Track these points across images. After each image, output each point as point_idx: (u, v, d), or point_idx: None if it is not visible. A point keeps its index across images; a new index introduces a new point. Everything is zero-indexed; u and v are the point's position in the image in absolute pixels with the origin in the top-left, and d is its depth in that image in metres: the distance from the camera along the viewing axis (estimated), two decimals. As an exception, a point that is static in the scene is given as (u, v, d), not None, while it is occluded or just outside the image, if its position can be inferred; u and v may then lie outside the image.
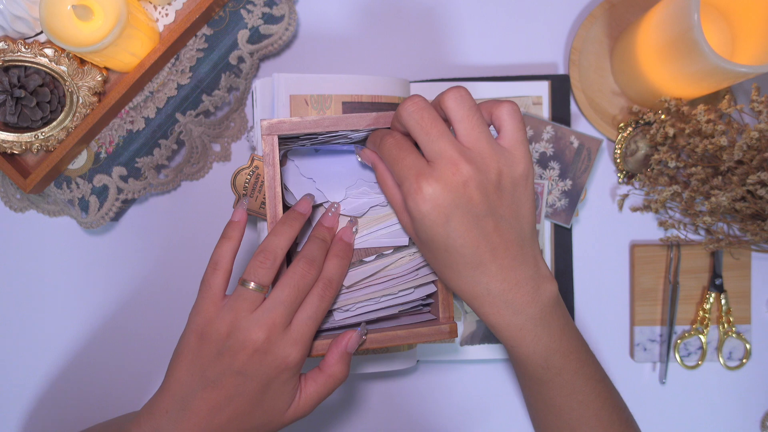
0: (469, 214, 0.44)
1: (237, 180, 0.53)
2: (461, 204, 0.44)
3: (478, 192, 0.44)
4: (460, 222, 0.44)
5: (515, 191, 0.46)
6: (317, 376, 0.49)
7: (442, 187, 0.43)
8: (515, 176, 0.46)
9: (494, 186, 0.45)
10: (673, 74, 0.59)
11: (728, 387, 0.68)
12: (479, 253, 0.45)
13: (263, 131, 0.50)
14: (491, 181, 0.45)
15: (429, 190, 0.44)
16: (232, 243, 0.49)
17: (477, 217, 0.44)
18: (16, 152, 0.60)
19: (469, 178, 0.44)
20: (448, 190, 0.44)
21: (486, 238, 0.45)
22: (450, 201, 0.44)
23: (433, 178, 0.44)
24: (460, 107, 0.45)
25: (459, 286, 0.47)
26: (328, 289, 0.48)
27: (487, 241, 0.45)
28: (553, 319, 0.48)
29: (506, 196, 0.46)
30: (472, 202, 0.44)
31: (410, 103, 0.45)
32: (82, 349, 0.68)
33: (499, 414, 0.68)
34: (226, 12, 0.62)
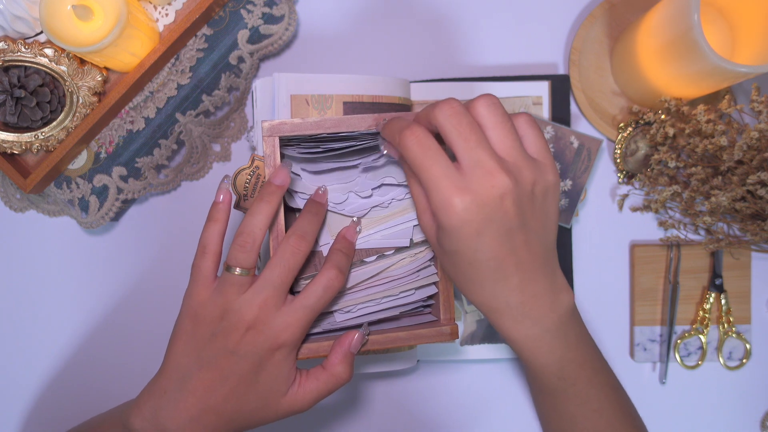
0: (502, 228, 0.43)
1: (237, 180, 0.53)
2: (496, 218, 0.42)
3: (513, 205, 0.43)
4: (492, 237, 0.43)
5: (545, 202, 0.45)
6: (319, 373, 0.49)
7: (478, 201, 0.42)
8: (548, 186, 0.45)
9: (528, 198, 0.44)
10: (673, 74, 0.59)
11: (728, 387, 0.68)
12: (504, 266, 0.44)
13: (264, 133, 0.50)
14: (526, 193, 0.43)
15: (462, 204, 0.42)
16: (219, 225, 0.49)
17: (509, 231, 0.43)
18: (16, 152, 0.60)
19: (507, 191, 0.42)
20: (483, 204, 0.42)
21: (514, 252, 0.44)
22: (484, 215, 0.42)
23: (468, 191, 0.42)
24: (493, 114, 0.43)
25: (478, 299, 0.47)
26: (334, 280, 0.48)
27: (514, 256, 0.44)
28: (569, 330, 0.48)
29: (537, 208, 0.45)
30: (507, 216, 0.43)
31: (447, 106, 0.43)
32: (82, 348, 0.68)
33: (500, 414, 0.68)
34: (226, 12, 0.62)
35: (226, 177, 0.50)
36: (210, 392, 0.47)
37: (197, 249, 0.49)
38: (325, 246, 0.53)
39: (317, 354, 0.50)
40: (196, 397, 0.47)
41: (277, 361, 0.48)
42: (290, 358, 0.48)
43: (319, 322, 0.51)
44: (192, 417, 0.47)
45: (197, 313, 0.48)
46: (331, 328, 0.51)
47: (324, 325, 0.51)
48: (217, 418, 0.48)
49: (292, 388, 0.49)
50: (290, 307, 0.47)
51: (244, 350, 0.47)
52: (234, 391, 0.47)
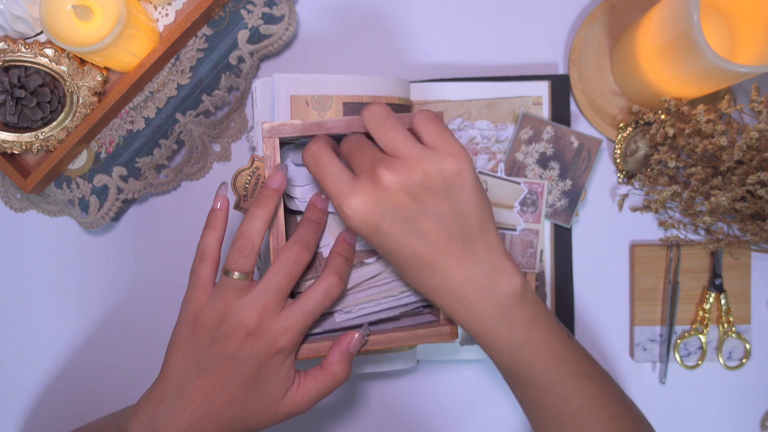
0: (399, 218, 0.44)
1: (237, 181, 0.53)
2: (387, 210, 0.44)
3: (404, 195, 0.44)
4: (389, 228, 0.44)
5: (450, 188, 0.45)
6: (317, 373, 0.49)
7: (365, 200, 0.44)
8: (445, 173, 0.44)
9: (422, 187, 0.44)
10: (673, 74, 0.59)
11: (728, 387, 0.68)
12: (419, 254, 0.45)
13: (264, 134, 0.50)
14: (417, 182, 0.44)
15: (351, 205, 0.44)
16: (217, 231, 0.49)
17: (409, 221, 0.44)
18: (16, 152, 0.60)
19: (393, 184, 0.44)
20: (370, 201, 0.44)
21: (424, 239, 0.45)
22: (374, 210, 0.44)
23: (354, 192, 0.44)
24: (374, 119, 0.45)
25: (417, 288, 0.48)
26: (334, 286, 0.48)
27: (425, 242, 0.45)
28: (514, 314, 0.47)
29: (438, 194, 0.44)
30: (401, 206, 0.44)
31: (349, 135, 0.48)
32: (82, 348, 0.68)
33: (500, 414, 0.68)
34: (226, 12, 0.62)
35: (224, 184, 0.50)
36: (209, 399, 0.47)
37: (196, 255, 0.49)
38: (325, 247, 0.53)
39: (317, 354, 0.50)
40: (195, 404, 0.47)
41: (276, 365, 0.48)
42: (289, 361, 0.48)
43: (319, 323, 0.51)
44: (191, 425, 0.47)
45: (196, 319, 0.48)
46: (331, 328, 0.51)
47: (324, 326, 0.51)
48: (216, 425, 0.47)
49: (290, 390, 0.49)
50: (289, 312, 0.47)
51: (244, 355, 0.47)
52: (233, 397, 0.47)
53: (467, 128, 0.65)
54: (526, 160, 0.65)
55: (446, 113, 0.65)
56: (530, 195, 0.65)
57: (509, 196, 0.65)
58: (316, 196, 0.51)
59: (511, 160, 0.65)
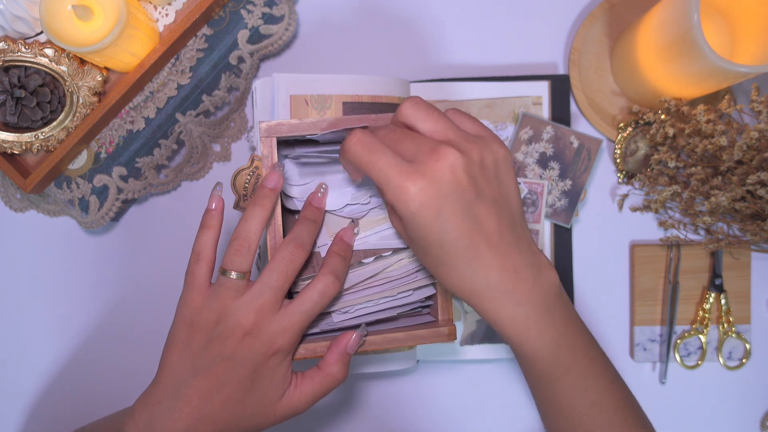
0: (460, 201, 0.42)
1: (237, 180, 0.53)
2: (450, 192, 0.42)
3: (465, 175, 0.42)
4: (451, 212, 0.42)
5: (498, 172, 0.44)
6: (315, 374, 0.49)
7: (428, 180, 0.41)
8: (496, 156, 0.44)
9: (479, 168, 0.43)
10: (673, 74, 0.59)
11: (728, 387, 0.68)
12: (474, 242, 0.43)
13: (262, 133, 0.50)
14: (475, 163, 0.43)
15: (414, 188, 0.41)
16: (212, 232, 0.49)
17: (468, 204, 0.42)
18: (16, 152, 0.60)
19: (454, 161, 0.42)
20: (434, 181, 0.41)
21: (479, 226, 0.43)
22: (439, 192, 0.41)
23: (417, 173, 0.41)
24: (417, 110, 0.44)
25: (457, 284, 0.45)
26: (330, 286, 0.48)
27: (480, 229, 0.43)
28: (556, 310, 0.46)
29: (492, 178, 0.44)
30: (461, 187, 0.42)
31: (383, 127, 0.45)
32: (82, 348, 0.68)
33: (500, 414, 0.68)
34: (226, 12, 0.62)
35: (219, 184, 0.50)
36: (206, 401, 0.47)
37: (191, 256, 0.49)
38: (323, 247, 0.53)
39: (314, 354, 0.50)
40: (192, 406, 0.47)
41: (273, 366, 0.48)
42: (286, 362, 0.48)
43: (316, 323, 0.51)
44: (187, 426, 0.47)
45: (192, 320, 0.47)
46: (329, 328, 0.51)
47: (322, 326, 0.51)
48: (213, 426, 0.47)
49: (288, 391, 0.49)
50: (286, 312, 0.47)
51: (241, 355, 0.47)
52: (230, 398, 0.47)
53: (467, 128, 0.65)
54: (526, 160, 0.65)
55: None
56: (530, 195, 0.65)
57: (509, 196, 0.65)
58: (313, 194, 0.51)
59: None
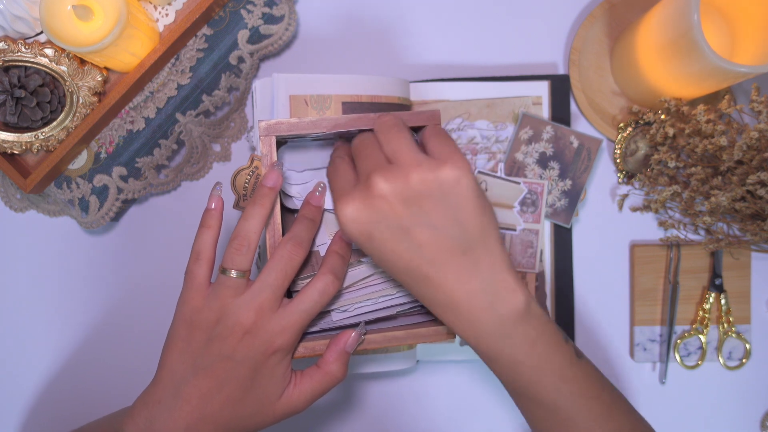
0: (392, 227, 0.44)
1: (237, 180, 0.53)
2: (381, 219, 0.44)
3: (398, 203, 0.43)
4: (383, 237, 0.44)
5: (447, 197, 0.44)
6: (314, 372, 0.49)
7: (359, 206, 0.44)
8: (442, 180, 0.44)
9: (417, 194, 0.43)
10: (673, 74, 0.59)
11: (728, 387, 0.68)
12: (414, 266, 0.44)
13: (261, 132, 0.50)
14: (413, 190, 0.43)
15: (347, 211, 0.44)
16: (212, 231, 0.49)
17: (403, 230, 0.44)
18: (16, 152, 0.60)
19: (387, 192, 0.43)
20: (364, 207, 0.44)
21: (419, 251, 0.44)
22: (367, 218, 0.44)
23: (351, 197, 0.44)
24: (383, 126, 0.47)
25: (422, 300, 0.47)
26: (330, 285, 0.48)
27: (420, 254, 0.44)
28: (517, 333, 0.45)
29: (437, 203, 0.44)
30: (394, 214, 0.44)
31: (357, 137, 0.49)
32: (82, 348, 0.68)
33: (499, 414, 0.68)
34: (226, 12, 0.62)
35: (218, 184, 0.50)
36: (206, 400, 0.47)
37: (190, 255, 0.49)
38: (322, 246, 0.53)
39: (313, 353, 0.50)
40: (192, 405, 0.47)
41: (273, 365, 0.48)
42: (286, 360, 0.48)
43: (316, 321, 0.52)
44: (187, 426, 0.47)
45: (192, 319, 0.48)
46: (328, 327, 0.51)
47: (321, 324, 0.51)
48: (213, 426, 0.47)
49: (287, 390, 0.49)
50: (286, 311, 0.47)
51: (241, 354, 0.47)
52: (230, 397, 0.47)
53: (467, 128, 0.65)
54: (526, 160, 0.65)
55: (446, 113, 0.65)
56: (530, 195, 0.65)
57: (509, 196, 0.65)
58: (311, 193, 0.51)
59: (510, 160, 0.65)
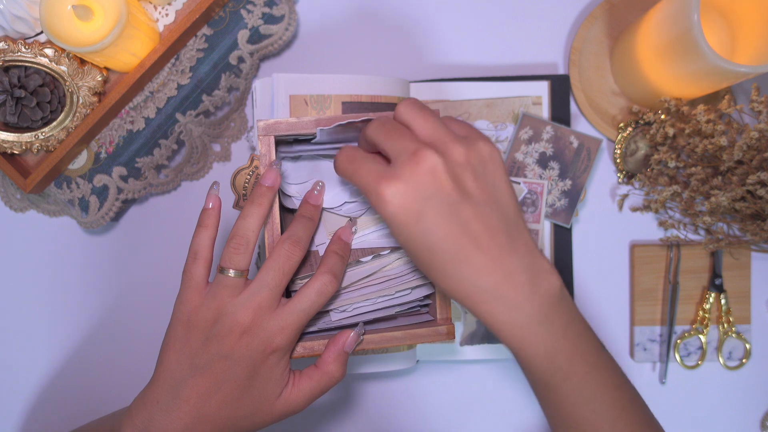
0: (442, 203, 0.42)
1: (237, 180, 0.53)
2: (431, 194, 0.41)
3: (447, 177, 0.42)
4: (434, 215, 0.42)
5: (486, 172, 0.43)
6: (312, 372, 0.49)
7: (405, 183, 0.41)
8: (482, 155, 0.43)
9: (464, 168, 0.42)
10: (673, 74, 0.59)
11: (728, 387, 0.68)
12: (461, 245, 0.42)
13: (260, 132, 0.50)
14: (459, 163, 0.42)
15: (390, 191, 0.41)
16: (209, 231, 0.49)
17: (452, 205, 0.42)
18: (16, 152, 0.60)
19: (435, 164, 0.41)
20: (413, 184, 0.41)
21: (466, 228, 0.42)
22: (418, 195, 0.41)
23: (394, 176, 0.42)
24: (410, 109, 0.44)
25: (449, 287, 0.44)
26: (328, 285, 0.48)
27: (467, 232, 0.42)
28: (555, 316, 0.44)
29: (479, 178, 0.43)
30: (443, 190, 0.42)
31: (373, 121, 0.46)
32: (82, 348, 0.68)
33: (499, 414, 0.68)
34: (226, 12, 0.62)
35: (215, 183, 0.50)
36: (204, 400, 0.47)
37: (188, 255, 0.48)
38: (321, 245, 0.53)
39: (312, 353, 0.50)
40: (190, 405, 0.47)
41: (271, 365, 0.48)
42: (284, 360, 0.48)
43: (314, 321, 0.52)
44: (186, 426, 0.47)
45: (190, 318, 0.47)
46: (327, 327, 0.51)
47: (319, 324, 0.51)
48: (211, 426, 0.47)
49: (285, 390, 0.49)
50: (284, 311, 0.47)
51: (239, 354, 0.47)
52: (228, 397, 0.47)
53: (467, 128, 0.65)
54: (526, 160, 0.65)
55: (446, 113, 0.65)
56: (530, 195, 0.65)
57: (509, 196, 0.64)
58: (310, 192, 0.51)
59: (510, 159, 0.65)
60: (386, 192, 0.41)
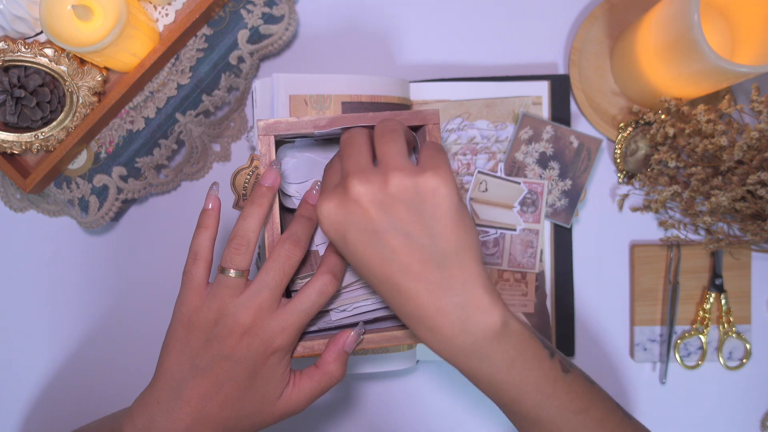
0: (365, 231, 0.43)
1: (237, 180, 0.53)
2: (354, 220, 0.43)
3: (374, 207, 0.43)
4: (356, 239, 0.44)
5: (423, 206, 0.43)
6: (313, 372, 0.49)
7: (335, 205, 0.44)
8: (420, 188, 0.43)
9: (393, 199, 0.43)
10: (673, 74, 0.59)
11: (728, 387, 0.68)
12: (388, 273, 0.43)
13: (260, 131, 0.50)
14: (390, 195, 0.43)
15: (323, 209, 0.44)
16: (209, 231, 0.49)
17: (376, 234, 0.43)
18: (16, 152, 0.60)
19: (362, 194, 0.43)
20: (339, 208, 0.44)
21: (392, 257, 0.43)
22: (342, 219, 0.44)
23: (330, 196, 0.44)
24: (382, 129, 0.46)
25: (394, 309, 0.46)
26: (329, 285, 0.48)
27: (394, 261, 0.43)
28: (493, 353, 0.44)
29: (413, 211, 0.43)
30: (367, 218, 0.43)
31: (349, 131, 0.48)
32: (82, 348, 0.68)
33: (499, 414, 0.68)
34: (226, 12, 0.62)
35: (215, 184, 0.50)
36: (205, 400, 0.47)
37: (188, 256, 0.49)
38: (321, 245, 0.53)
39: (312, 353, 0.50)
40: (191, 406, 0.47)
41: (272, 365, 0.48)
42: (285, 360, 0.48)
43: (314, 321, 0.52)
44: (187, 427, 0.47)
45: (190, 319, 0.47)
46: (327, 326, 0.51)
47: (320, 324, 0.51)
48: (212, 426, 0.47)
49: (286, 390, 0.49)
50: (285, 311, 0.47)
51: (240, 355, 0.47)
52: (229, 397, 0.47)
53: (467, 128, 0.65)
54: (526, 160, 0.65)
55: (446, 113, 0.65)
56: (530, 195, 0.65)
57: (509, 196, 0.65)
58: (309, 192, 0.52)
59: (510, 160, 0.65)
60: (320, 209, 0.45)
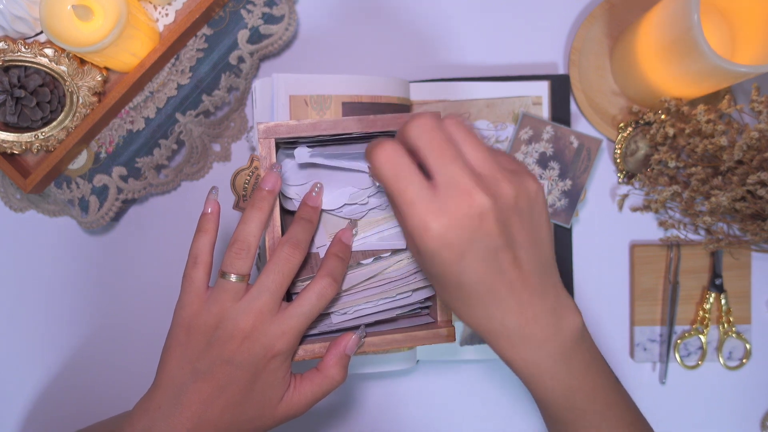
0: (487, 249, 0.40)
1: (236, 181, 0.53)
2: (477, 238, 0.40)
3: (495, 224, 0.40)
4: (476, 259, 0.40)
5: (533, 213, 0.42)
6: (314, 375, 0.49)
7: (454, 223, 0.39)
8: (530, 195, 0.42)
9: (512, 212, 0.41)
10: (673, 74, 0.59)
11: (728, 387, 0.68)
12: (495, 288, 0.42)
13: (260, 135, 0.50)
14: (509, 208, 0.41)
15: (436, 226, 0.39)
16: (209, 235, 0.49)
17: (495, 251, 0.41)
18: (16, 152, 0.60)
19: (487, 210, 0.39)
20: (461, 226, 0.39)
21: (502, 273, 0.41)
22: (464, 237, 0.39)
23: (445, 213, 0.39)
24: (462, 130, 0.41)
25: (471, 320, 0.44)
26: (328, 288, 0.48)
27: (503, 276, 0.41)
28: (575, 355, 0.44)
29: (525, 221, 0.42)
30: (490, 236, 0.40)
31: (420, 121, 0.41)
32: (82, 349, 0.68)
33: (499, 414, 0.68)
34: (226, 12, 0.62)
35: (214, 188, 0.50)
36: (206, 405, 0.47)
37: (188, 260, 0.48)
38: (321, 248, 0.53)
39: (313, 356, 0.50)
40: (192, 410, 0.46)
41: (273, 369, 0.47)
42: (285, 364, 0.48)
43: (315, 324, 0.51)
44: (188, 431, 0.46)
45: (191, 323, 0.47)
46: (328, 329, 0.51)
47: (320, 327, 0.51)
48: (213, 430, 0.47)
49: (287, 394, 0.49)
50: (285, 315, 0.47)
51: (241, 359, 0.46)
52: (230, 402, 0.47)
53: (467, 128, 0.65)
54: (526, 160, 0.65)
55: (446, 113, 0.65)
56: (530, 195, 0.65)
57: (509, 196, 0.64)
58: (308, 194, 0.51)
59: (510, 160, 0.65)
60: (433, 226, 0.39)
